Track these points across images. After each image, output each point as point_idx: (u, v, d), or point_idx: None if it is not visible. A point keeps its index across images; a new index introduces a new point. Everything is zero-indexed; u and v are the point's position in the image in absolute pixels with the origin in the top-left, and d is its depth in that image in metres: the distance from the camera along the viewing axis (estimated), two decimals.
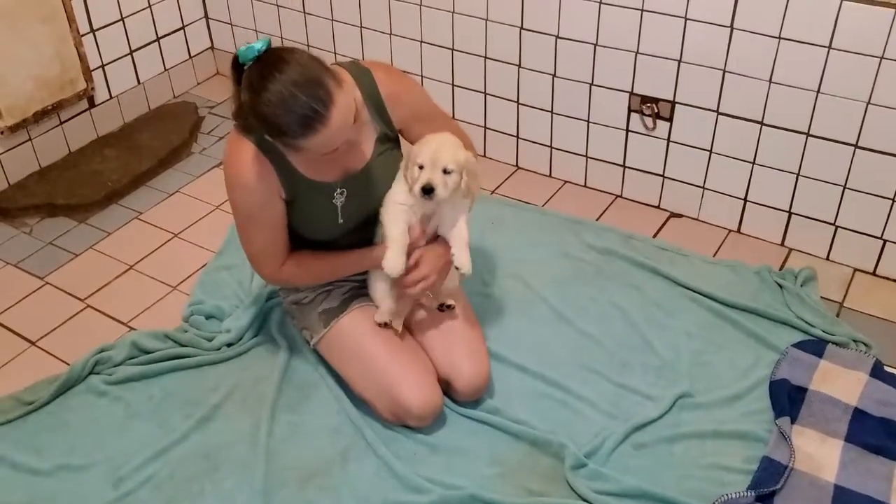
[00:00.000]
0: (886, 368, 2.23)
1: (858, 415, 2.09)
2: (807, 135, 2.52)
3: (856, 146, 2.46)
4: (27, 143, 3.08)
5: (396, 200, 2.02)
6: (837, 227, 2.61)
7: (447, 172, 1.91)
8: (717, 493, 1.94)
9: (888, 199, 2.49)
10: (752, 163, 2.66)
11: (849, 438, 2.04)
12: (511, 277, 2.60)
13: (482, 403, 2.18)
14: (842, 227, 2.60)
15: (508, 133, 3.09)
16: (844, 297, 2.52)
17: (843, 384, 2.17)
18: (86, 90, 3.20)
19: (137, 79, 3.43)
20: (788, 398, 2.13)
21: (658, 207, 2.92)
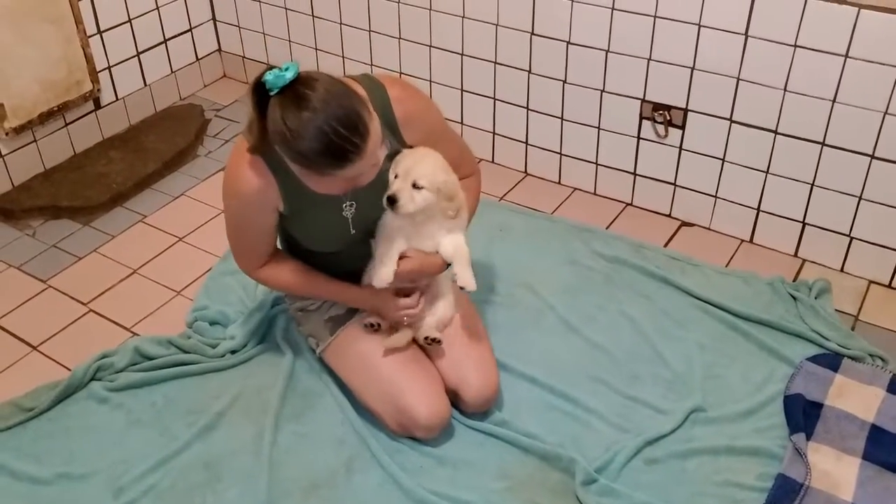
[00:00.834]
0: None
1: (875, 432, 2.05)
2: (822, 144, 2.50)
3: (872, 156, 2.43)
4: (32, 145, 3.08)
5: (390, 224, 2.02)
6: (852, 239, 2.59)
7: (417, 187, 1.91)
8: None
9: None
10: (766, 172, 2.64)
11: (866, 456, 2.00)
12: (519, 286, 2.59)
13: (490, 415, 2.16)
14: (857, 239, 2.58)
15: (518, 139, 3.09)
16: (860, 310, 2.49)
17: (860, 400, 2.14)
18: (92, 92, 3.20)
19: (144, 81, 3.43)
20: (803, 413, 2.10)
21: (669, 216, 2.90)
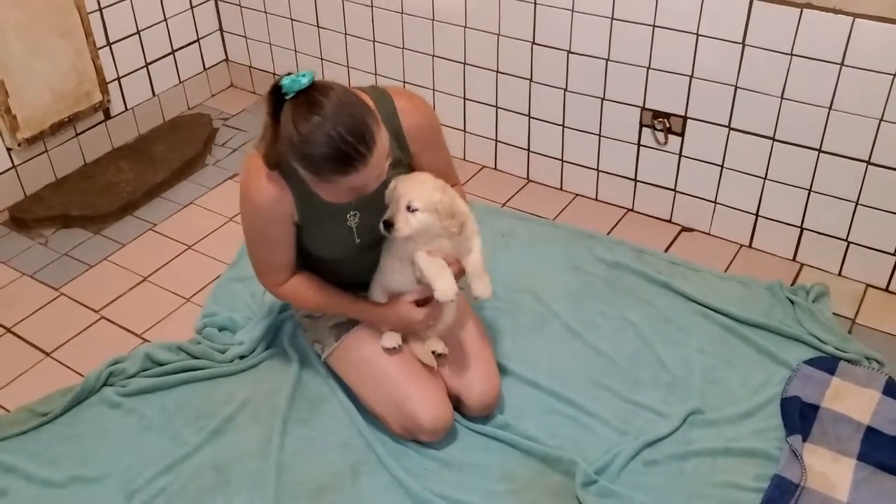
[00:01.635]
0: None
1: (871, 433, 2.07)
2: (819, 151, 2.50)
3: (868, 162, 2.44)
4: (43, 155, 3.10)
5: (402, 248, 2.03)
6: (850, 243, 2.59)
7: (412, 210, 1.92)
8: None
9: None
10: (764, 178, 2.65)
11: (861, 457, 2.02)
12: (522, 292, 2.59)
13: (493, 419, 2.18)
14: (854, 243, 2.58)
15: (520, 146, 3.09)
16: (857, 314, 2.50)
17: (856, 402, 2.15)
18: (102, 102, 3.21)
19: (153, 91, 3.45)
20: (800, 416, 2.12)
21: (670, 221, 2.91)
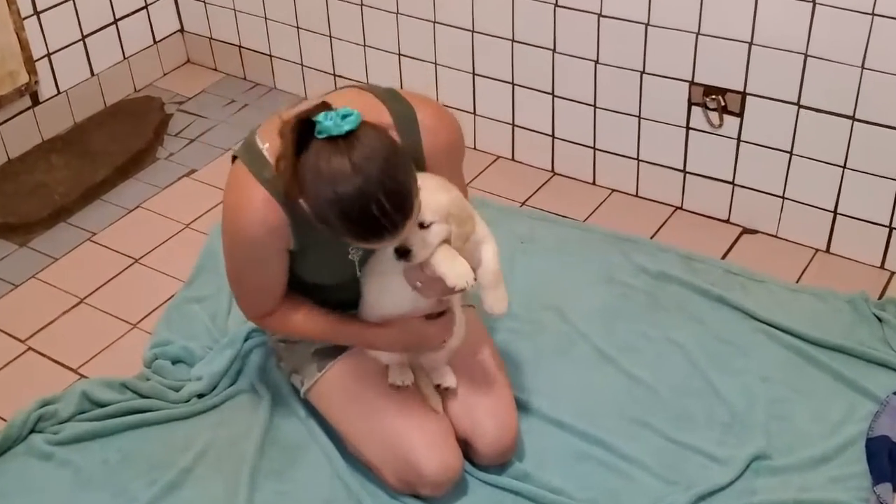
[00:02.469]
0: None
1: None
2: None
3: None
4: None
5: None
6: None
7: (425, 225, 1.90)
8: None
9: None
10: (843, 167, 2.65)
11: None
12: (545, 309, 2.60)
13: (509, 468, 2.17)
14: None
15: (542, 132, 3.10)
16: None
17: None
18: (28, 84, 3.22)
19: (91, 70, 3.45)
20: (890, 459, 2.10)
21: (727, 222, 2.91)
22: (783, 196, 2.80)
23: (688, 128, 2.85)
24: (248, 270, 2.06)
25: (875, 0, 2.40)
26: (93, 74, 3.47)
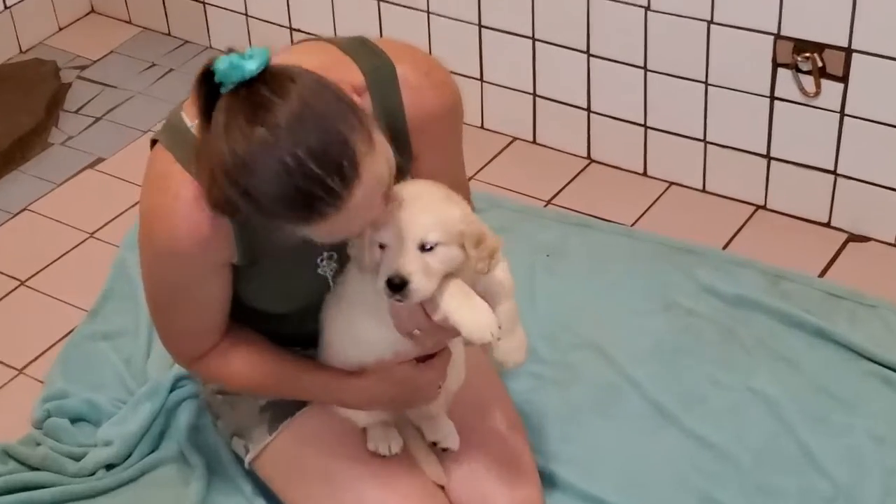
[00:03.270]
0: None
1: None
2: None
3: None
4: None
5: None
6: None
7: (428, 248, 1.84)
8: None
9: None
10: None
11: None
12: (579, 348, 2.58)
13: None
14: None
15: (575, 104, 3.07)
16: None
17: None
18: None
19: None
20: None
21: (827, 226, 2.88)
22: None
23: (772, 97, 2.81)
24: (176, 295, 2.02)
25: None
26: None
